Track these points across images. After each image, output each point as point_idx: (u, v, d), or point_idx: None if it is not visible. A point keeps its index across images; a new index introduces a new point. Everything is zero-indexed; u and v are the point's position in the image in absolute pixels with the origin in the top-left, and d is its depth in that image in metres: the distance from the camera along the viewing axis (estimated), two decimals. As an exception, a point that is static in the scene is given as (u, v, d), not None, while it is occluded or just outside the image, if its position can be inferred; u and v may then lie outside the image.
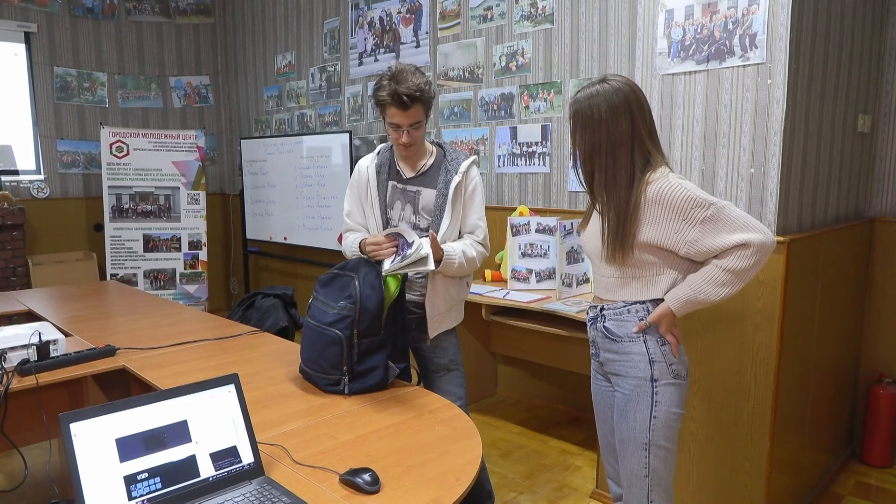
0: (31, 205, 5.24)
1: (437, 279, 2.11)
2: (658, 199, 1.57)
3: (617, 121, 1.58)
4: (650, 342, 1.64)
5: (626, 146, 1.59)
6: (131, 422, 1.24)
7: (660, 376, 1.63)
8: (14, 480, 2.89)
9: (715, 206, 1.55)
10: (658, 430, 1.63)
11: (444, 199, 2.09)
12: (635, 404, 1.64)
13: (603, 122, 1.58)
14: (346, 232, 2.24)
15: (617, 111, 1.57)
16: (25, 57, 5.30)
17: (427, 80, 2.02)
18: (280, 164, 5.22)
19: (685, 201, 1.55)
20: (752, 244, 1.53)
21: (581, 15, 3.40)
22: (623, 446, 1.68)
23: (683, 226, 1.56)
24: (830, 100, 2.53)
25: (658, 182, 1.57)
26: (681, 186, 1.56)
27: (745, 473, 2.32)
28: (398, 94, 1.95)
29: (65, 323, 2.58)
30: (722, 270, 1.56)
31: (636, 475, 1.66)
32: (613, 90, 1.58)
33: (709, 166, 2.35)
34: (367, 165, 2.20)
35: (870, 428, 3.05)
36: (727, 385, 2.33)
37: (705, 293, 1.58)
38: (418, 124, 2.02)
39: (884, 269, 3.09)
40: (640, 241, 1.61)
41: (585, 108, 1.60)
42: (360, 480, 1.28)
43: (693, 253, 1.59)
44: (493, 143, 3.91)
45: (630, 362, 1.65)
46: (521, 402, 3.93)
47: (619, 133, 1.58)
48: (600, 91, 1.59)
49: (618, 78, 1.62)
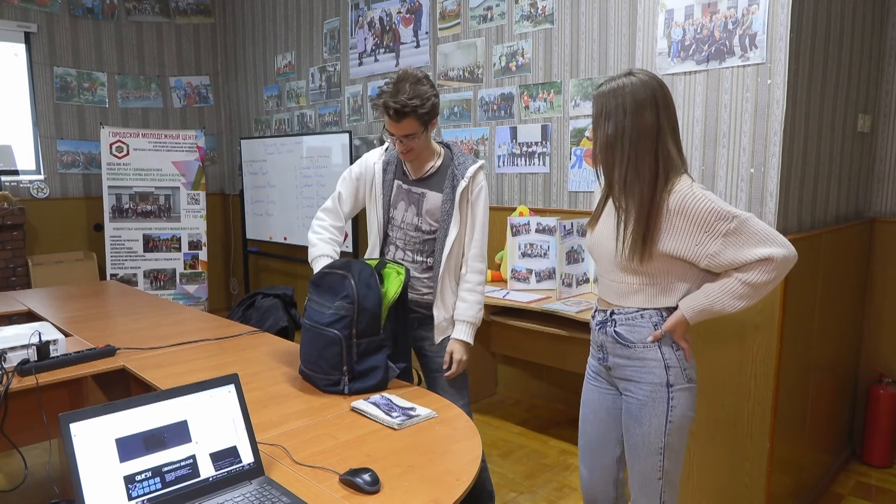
0: (31, 205, 5.24)
1: (447, 285, 2.11)
2: (681, 209, 1.52)
3: (642, 114, 1.52)
4: (665, 348, 1.61)
5: (650, 141, 1.53)
6: (131, 422, 1.24)
7: (675, 381, 1.61)
8: (14, 480, 2.89)
9: (738, 218, 1.50)
10: (673, 434, 1.62)
11: (450, 204, 2.08)
12: (651, 409, 1.61)
13: (628, 114, 1.53)
14: (321, 215, 2.26)
15: (643, 104, 1.52)
16: (25, 57, 5.30)
17: (428, 92, 1.95)
18: (280, 164, 5.22)
19: (709, 213, 1.50)
20: (774, 259, 1.50)
21: (581, 15, 3.40)
22: (635, 451, 1.66)
23: (706, 238, 1.52)
24: (830, 100, 2.53)
25: (681, 192, 1.53)
26: (704, 198, 1.51)
27: (745, 473, 2.32)
28: (388, 107, 1.93)
29: (65, 323, 2.58)
30: (742, 284, 1.52)
31: (649, 478, 1.64)
32: (641, 83, 1.54)
33: (709, 166, 2.34)
34: (374, 161, 2.18)
35: (870, 428, 3.05)
36: (727, 385, 2.33)
37: (721, 304, 1.55)
38: (413, 136, 1.98)
39: (884, 269, 3.08)
40: (660, 250, 1.56)
41: (610, 99, 1.55)
42: (360, 480, 1.28)
43: (714, 265, 1.55)
44: (492, 143, 3.91)
45: (645, 368, 1.62)
46: (521, 402, 3.93)
47: (643, 126, 1.53)
48: (626, 84, 1.54)
49: (644, 72, 1.58)
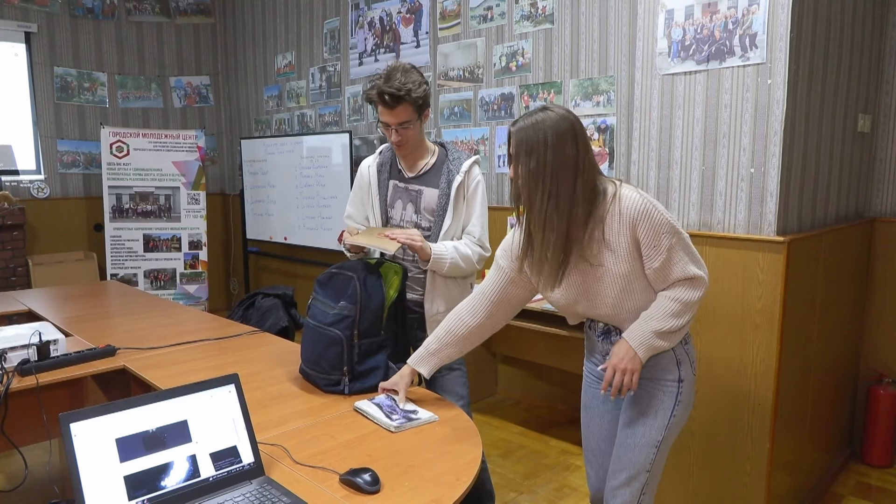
0: (31, 205, 5.23)
1: (437, 278, 2.10)
2: (632, 216, 1.54)
3: (563, 147, 1.52)
4: (675, 345, 1.62)
5: (571, 172, 1.53)
6: (131, 422, 1.24)
7: (685, 376, 1.64)
8: (14, 480, 2.89)
9: (679, 235, 1.54)
10: (673, 428, 1.64)
11: (446, 199, 2.09)
12: (659, 403, 1.63)
13: (549, 147, 1.51)
14: (347, 221, 2.27)
15: (564, 138, 1.52)
16: (25, 57, 5.30)
17: (419, 79, 2.00)
18: (280, 164, 5.22)
19: (660, 224, 1.53)
20: (703, 280, 1.56)
21: (581, 15, 3.40)
22: (633, 442, 1.67)
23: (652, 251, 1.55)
24: (830, 100, 2.53)
25: (630, 199, 1.55)
26: (654, 208, 1.54)
27: (745, 473, 2.32)
28: (382, 93, 1.96)
29: (65, 323, 2.58)
30: (675, 302, 1.55)
31: (640, 470, 1.66)
32: (560, 117, 1.53)
33: (709, 166, 2.35)
34: (368, 165, 2.23)
35: (870, 428, 3.05)
36: (727, 385, 2.33)
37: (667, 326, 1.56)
38: (407, 123, 2.01)
39: (884, 269, 3.09)
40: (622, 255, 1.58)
41: (531, 133, 1.53)
42: (360, 480, 1.28)
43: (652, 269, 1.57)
44: (493, 143, 3.91)
45: (657, 366, 1.63)
46: (521, 402, 3.93)
47: (565, 159, 1.52)
48: (546, 118, 1.53)
49: (560, 107, 1.59)
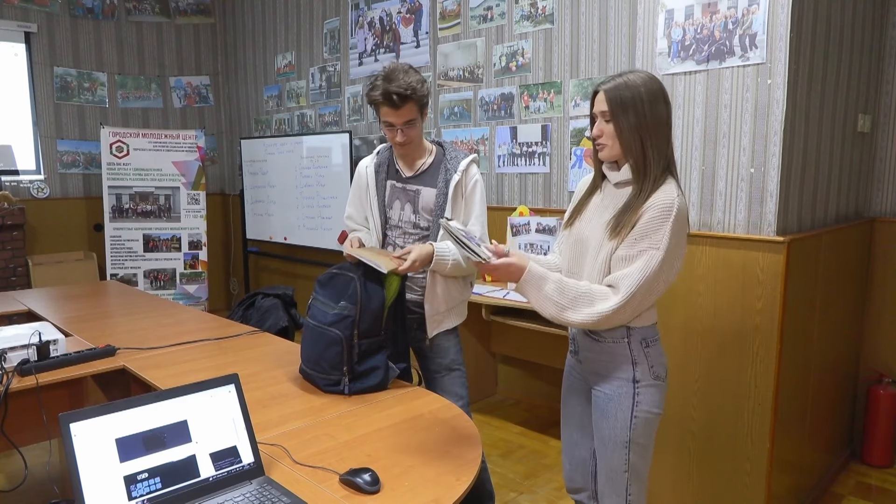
0: (31, 205, 5.23)
1: (437, 278, 2.10)
2: (655, 209, 1.52)
3: (657, 105, 1.56)
4: (633, 343, 1.63)
5: (666, 128, 1.57)
6: (131, 422, 1.24)
7: (641, 378, 1.63)
8: (14, 480, 2.89)
9: (663, 257, 1.50)
10: (638, 429, 1.64)
11: (444, 198, 2.09)
12: (616, 404, 1.64)
13: (646, 104, 1.55)
14: (347, 222, 2.30)
15: (657, 97, 1.56)
16: (25, 57, 5.30)
17: (420, 78, 2.02)
18: (280, 164, 5.22)
19: (658, 230, 1.50)
20: (620, 302, 1.50)
21: (581, 15, 3.40)
22: (603, 444, 1.68)
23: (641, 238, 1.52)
24: (830, 100, 2.53)
25: (669, 195, 1.53)
26: (672, 215, 1.50)
27: (745, 473, 2.32)
28: (389, 93, 1.96)
29: (65, 323, 2.58)
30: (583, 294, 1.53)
31: (616, 471, 1.67)
32: (649, 77, 1.58)
33: (709, 166, 2.35)
34: (366, 166, 2.23)
35: (870, 428, 3.05)
36: (727, 385, 2.33)
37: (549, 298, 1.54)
38: (412, 122, 2.03)
39: (884, 269, 3.09)
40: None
41: (625, 91, 1.56)
42: (360, 480, 1.28)
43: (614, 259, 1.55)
44: (493, 143, 3.91)
45: (613, 363, 1.65)
46: (521, 402, 3.93)
47: (660, 117, 1.56)
48: (636, 78, 1.57)
49: (644, 71, 1.63)
